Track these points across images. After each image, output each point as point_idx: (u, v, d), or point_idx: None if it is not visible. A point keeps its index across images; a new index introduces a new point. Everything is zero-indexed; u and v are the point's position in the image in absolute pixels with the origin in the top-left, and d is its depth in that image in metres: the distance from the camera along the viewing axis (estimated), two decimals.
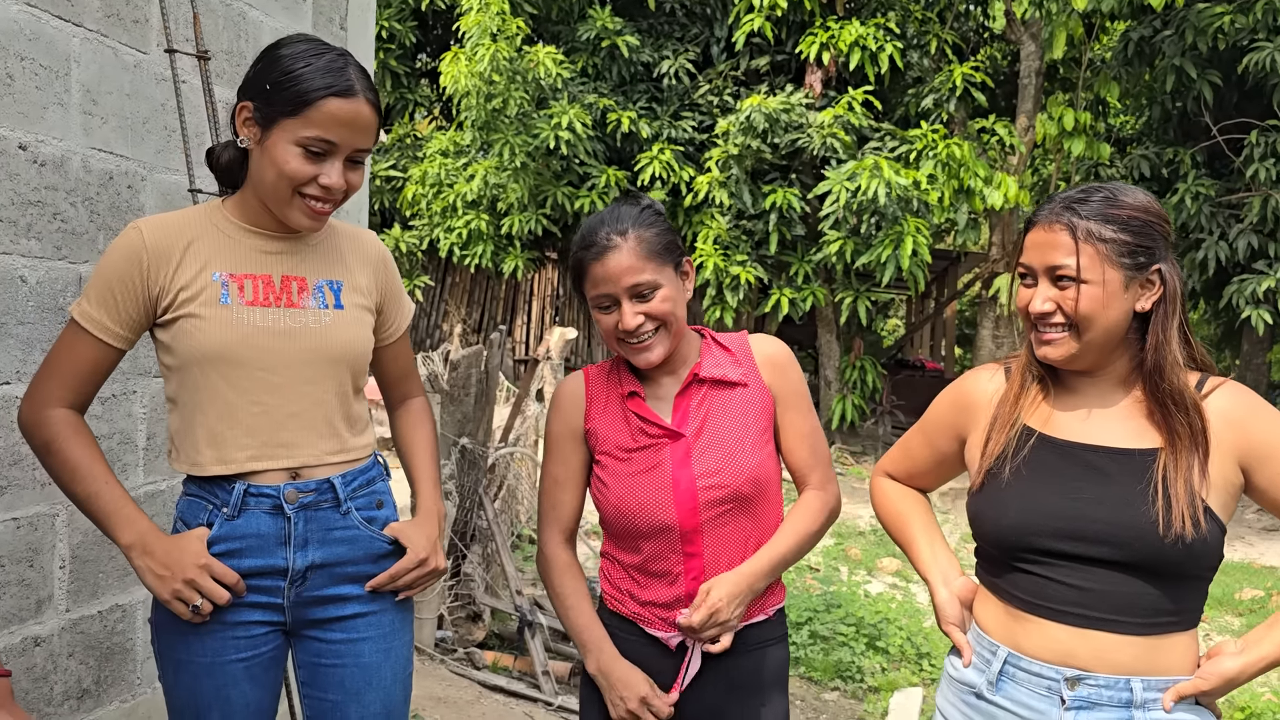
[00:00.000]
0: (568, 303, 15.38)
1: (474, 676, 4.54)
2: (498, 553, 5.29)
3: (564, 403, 2.02)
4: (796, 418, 2.00)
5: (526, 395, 5.85)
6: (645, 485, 1.90)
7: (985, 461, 1.76)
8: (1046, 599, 1.65)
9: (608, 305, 1.88)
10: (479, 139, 12.04)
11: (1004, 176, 11.39)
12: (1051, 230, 1.65)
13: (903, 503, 2.01)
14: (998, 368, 1.86)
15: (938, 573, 1.86)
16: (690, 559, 1.90)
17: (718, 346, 2.02)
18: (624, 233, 1.85)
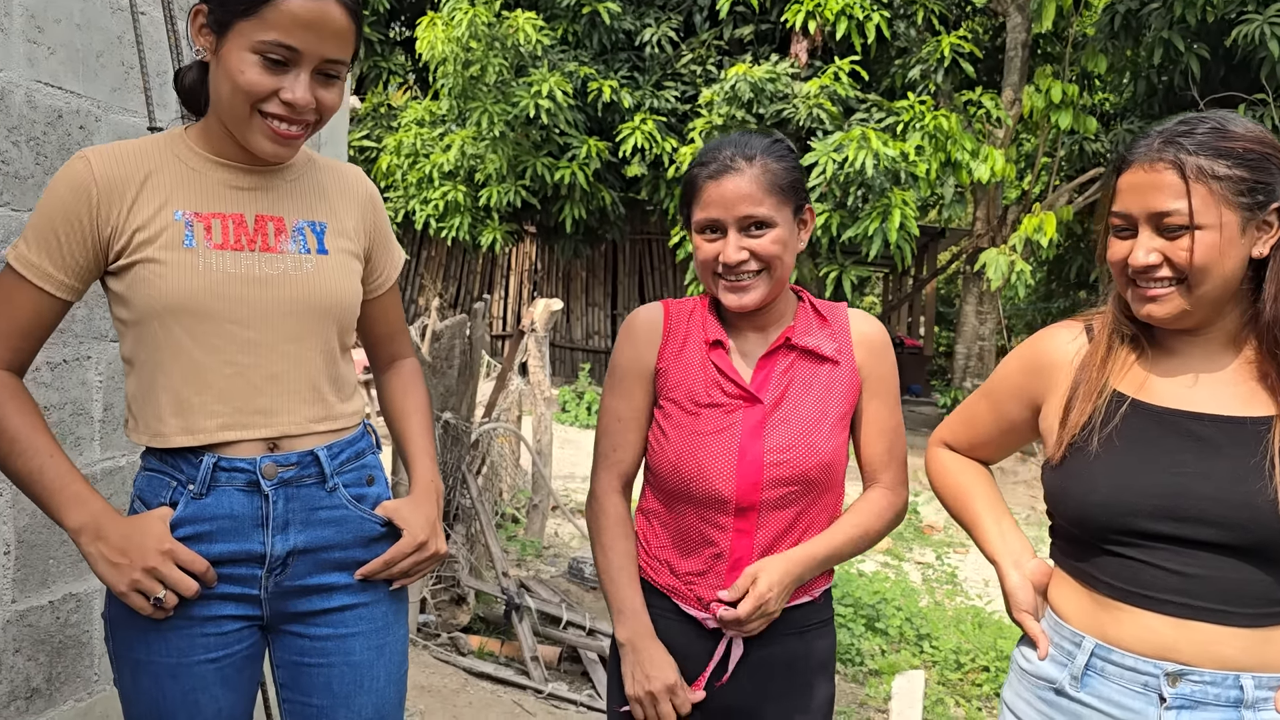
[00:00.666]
0: (546, 277, 15.10)
1: (459, 663, 4.31)
2: (482, 532, 5.06)
3: (638, 334, 1.83)
4: (882, 409, 1.82)
5: (510, 369, 5.61)
6: (709, 448, 1.72)
7: (1068, 432, 1.54)
8: (1142, 586, 1.45)
9: (713, 232, 1.71)
10: (456, 108, 11.71)
11: (990, 150, 11.21)
12: (1154, 170, 1.43)
13: (964, 475, 1.80)
14: (1078, 325, 1.64)
15: (1007, 554, 1.66)
16: (740, 536, 1.73)
17: (815, 313, 1.83)
18: (750, 158, 1.69)
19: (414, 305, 15.17)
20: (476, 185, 12.21)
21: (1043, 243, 11.35)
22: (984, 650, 4.94)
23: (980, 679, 4.78)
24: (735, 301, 1.72)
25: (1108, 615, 1.49)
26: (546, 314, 6.02)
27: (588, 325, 14.91)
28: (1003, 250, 11.57)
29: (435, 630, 4.67)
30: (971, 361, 13.47)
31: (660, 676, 1.70)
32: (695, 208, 1.73)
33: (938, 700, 4.53)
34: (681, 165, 11.26)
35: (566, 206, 12.05)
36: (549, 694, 4.17)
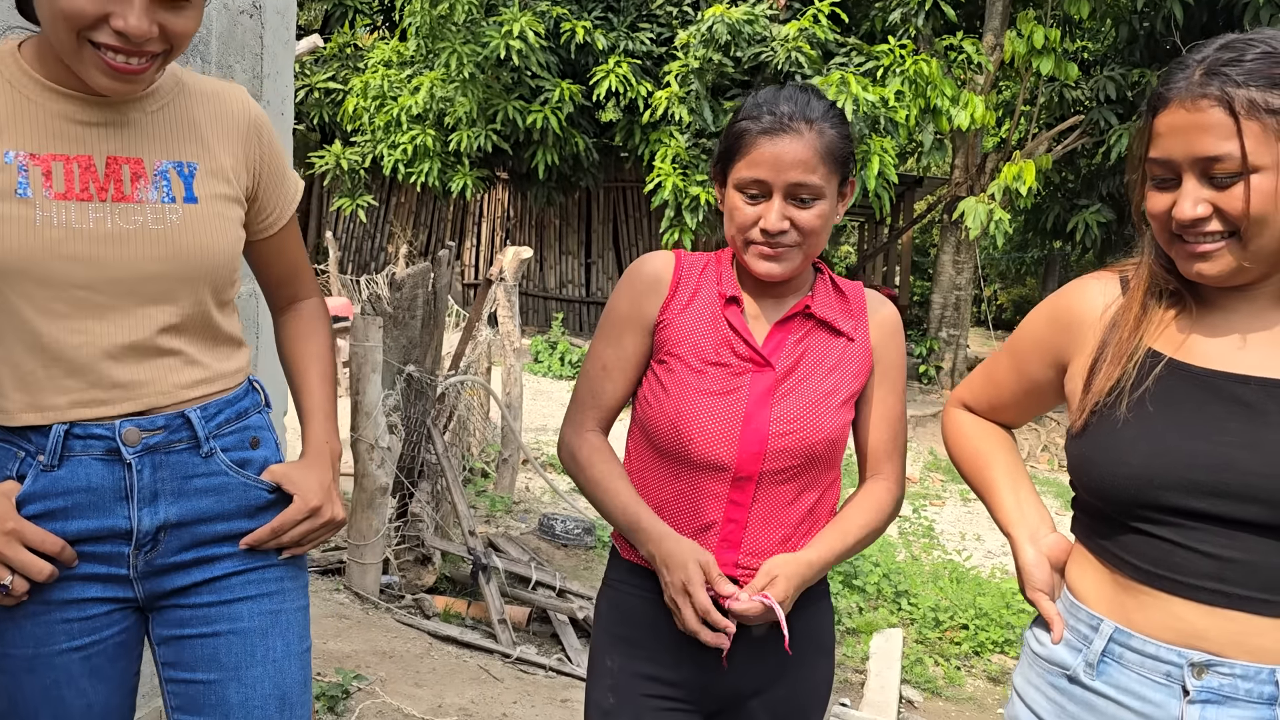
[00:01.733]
0: (518, 224, 14.81)
1: (423, 626, 4.16)
2: (448, 489, 4.89)
3: (640, 282, 1.68)
4: (889, 395, 1.70)
5: (479, 320, 5.40)
6: (713, 410, 1.59)
7: (1092, 396, 1.37)
8: (1173, 569, 1.28)
9: (755, 194, 1.56)
10: (424, 48, 11.33)
11: (971, 96, 11.00)
12: (1197, 108, 1.22)
13: (981, 440, 1.63)
14: (1111, 275, 1.45)
15: (1024, 527, 1.50)
16: (734, 508, 1.60)
17: (833, 288, 1.70)
18: (811, 120, 1.54)
19: (383, 253, 14.86)
20: (446, 129, 11.87)
21: (1022, 191, 11.20)
22: (963, 608, 4.85)
23: (959, 637, 4.70)
24: (765, 269, 1.58)
25: (1131, 599, 1.33)
26: (516, 262, 5.81)
27: (561, 274, 14.67)
28: (981, 199, 11.41)
29: (399, 592, 4.51)
30: (948, 311, 13.38)
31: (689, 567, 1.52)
32: (739, 163, 1.56)
33: (916, 660, 4.43)
34: (657, 110, 10.97)
35: (539, 152, 11.75)
36: (517, 658, 4.03)
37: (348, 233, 15.20)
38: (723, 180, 1.61)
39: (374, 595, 4.35)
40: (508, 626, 4.24)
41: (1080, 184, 14.57)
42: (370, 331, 4.17)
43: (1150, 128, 1.30)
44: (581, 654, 4.16)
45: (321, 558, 4.70)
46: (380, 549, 4.38)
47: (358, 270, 14.59)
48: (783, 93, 1.58)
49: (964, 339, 13.49)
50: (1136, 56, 13.15)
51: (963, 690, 4.34)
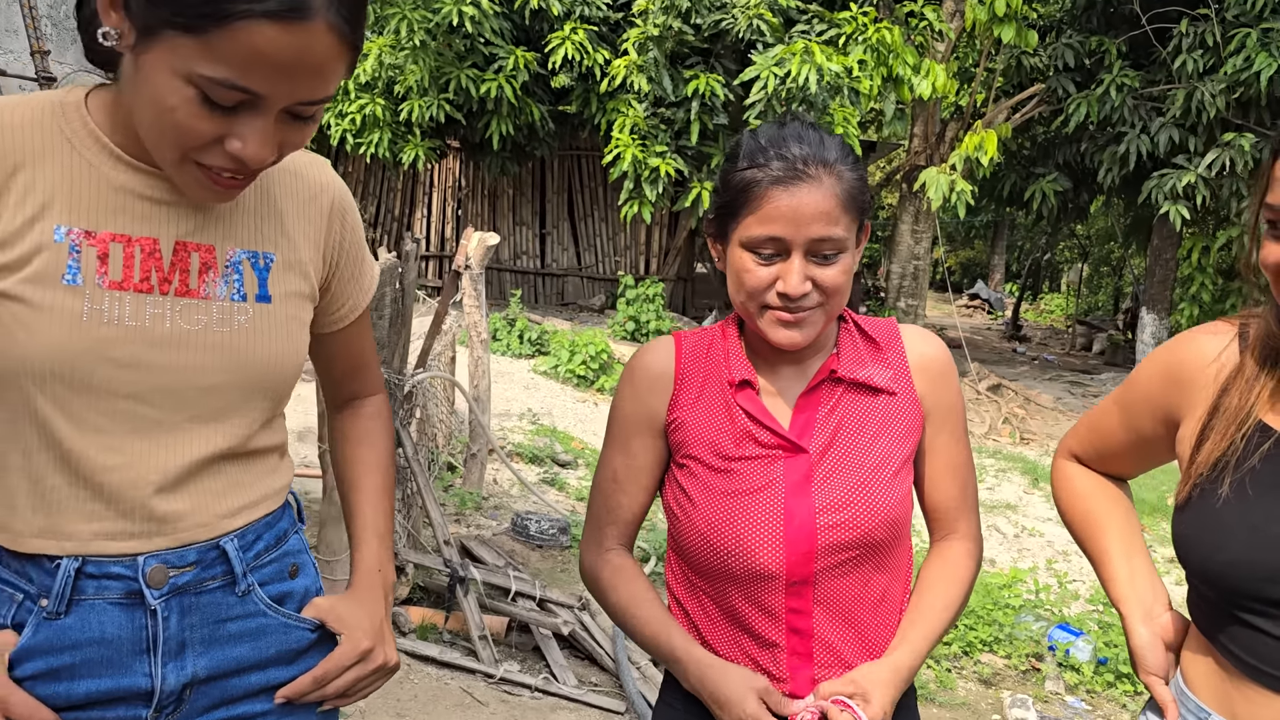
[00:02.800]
0: (471, 195, 14.45)
1: (401, 646, 3.96)
2: (419, 494, 4.67)
3: (641, 380, 1.49)
4: (950, 443, 1.48)
5: (445, 313, 5.16)
6: (747, 512, 1.38)
7: (1197, 467, 1.26)
8: (1276, 666, 1.19)
9: (770, 253, 1.34)
10: (372, 14, 10.87)
11: (932, 64, 10.85)
12: None
13: (1095, 500, 1.51)
14: (1230, 330, 1.33)
15: (1136, 603, 1.40)
16: (795, 617, 1.39)
17: (861, 336, 1.48)
18: (829, 164, 1.33)
19: None
20: (396, 98, 11.46)
21: (984, 161, 11.12)
22: None
23: (949, 637, 4.61)
24: (786, 338, 1.37)
25: (1238, 694, 1.24)
26: (482, 249, 5.56)
27: (515, 245, 14.35)
28: (942, 169, 11.31)
29: None
30: (906, 281, 13.33)
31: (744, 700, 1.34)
32: (749, 218, 1.34)
33: None
34: (615, 78, 10.67)
35: (493, 121, 11.40)
36: (500, 678, 3.86)
37: None
38: (723, 237, 1.39)
39: None
40: (489, 643, 4.06)
41: (1036, 151, 14.57)
42: None
43: (1270, 171, 1.16)
44: (567, 670, 4.00)
45: None
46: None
47: None
48: (788, 131, 1.36)
49: (923, 308, 13.48)
50: (1094, 23, 13.11)
51: (955, 695, 4.26)
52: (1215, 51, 11.23)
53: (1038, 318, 25.08)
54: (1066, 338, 20.07)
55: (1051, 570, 5.91)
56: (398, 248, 4.80)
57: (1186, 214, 11.37)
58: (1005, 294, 26.74)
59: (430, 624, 4.29)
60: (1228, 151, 10.91)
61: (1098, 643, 4.56)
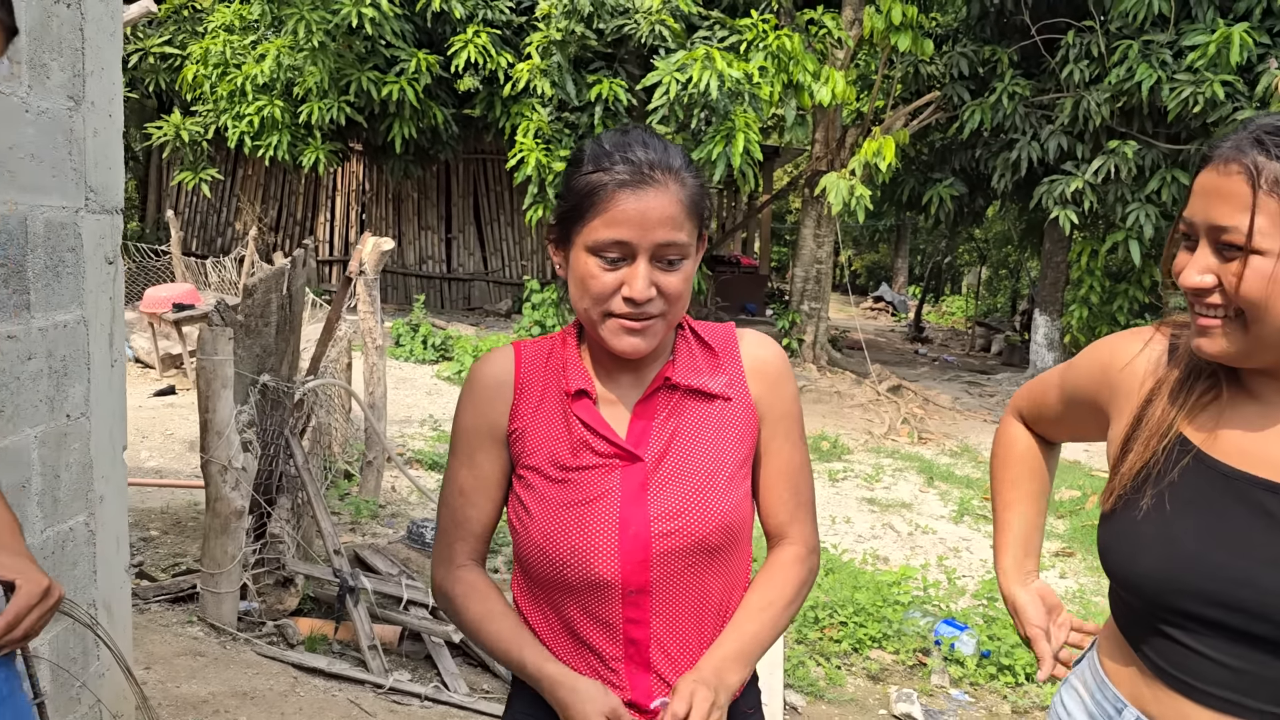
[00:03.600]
0: (375, 198, 14.24)
1: (287, 659, 3.89)
2: (310, 503, 4.60)
3: (481, 390, 1.47)
4: (785, 447, 1.49)
5: (338, 319, 5.09)
6: (583, 521, 1.38)
7: (1120, 479, 1.30)
8: (1186, 673, 1.25)
9: (615, 257, 1.34)
10: (269, 14, 10.66)
11: (832, 71, 11.07)
12: (1226, 172, 1.15)
13: (1019, 466, 1.62)
14: (1162, 339, 1.37)
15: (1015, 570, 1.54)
16: (633, 627, 1.40)
17: (698, 343, 1.49)
18: (674, 171, 1.35)
19: (230, 229, 14.07)
20: (296, 100, 11.25)
21: (882, 167, 11.37)
22: (840, 605, 4.87)
23: (838, 635, 4.71)
24: (629, 345, 1.36)
25: (1150, 692, 1.30)
26: (377, 254, 5.49)
27: (420, 250, 14.20)
28: (842, 175, 11.54)
29: (259, 618, 4.22)
30: (809, 285, 13.55)
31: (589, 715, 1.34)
32: (595, 220, 1.33)
33: (798, 663, 4.42)
34: (519, 82, 10.64)
35: (395, 124, 11.27)
36: (390, 688, 3.81)
37: (191, 208, 14.32)
38: (566, 242, 1.38)
39: (231, 626, 4.05)
40: (379, 653, 4.01)
41: (934, 157, 14.94)
42: (219, 344, 3.84)
43: (1192, 185, 1.23)
44: (459, 679, 3.98)
45: (171, 583, 4.36)
46: (237, 576, 4.08)
47: (203, 247, 13.78)
48: (632, 137, 1.37)
49: (825, 311, 13.71)
50: (987, 33, 13.50)
51: (844, 691, 4.35)
52: (1100, 62, 11.67)
53: (939, 319, 25.70)
54: (967, 339, 20.60)
55: (942, 567, 6.07)
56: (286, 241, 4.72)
57: (1075, 219, 11.79)
58: (909, 297, 27.33)
59: (320, 635, 4.22)
60: (1113, 158, 11.35)
61: (981, 636, 4.71)
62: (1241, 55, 10.16)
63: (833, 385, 12.28)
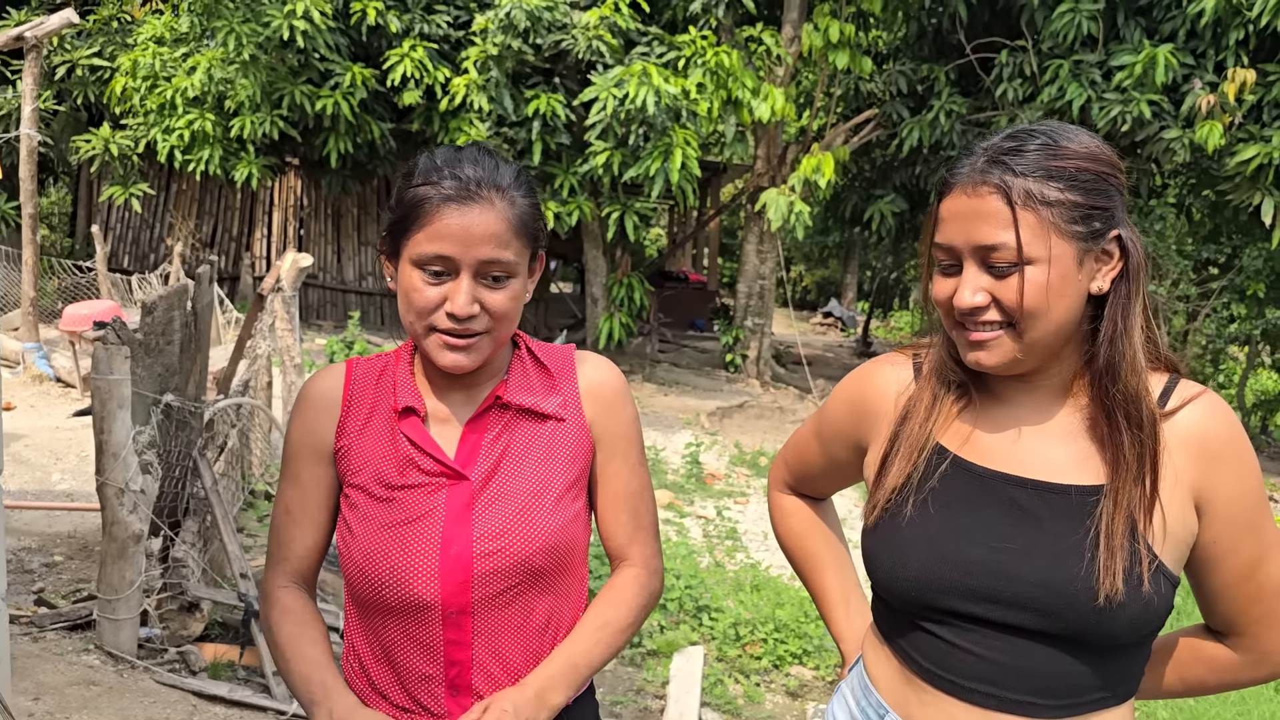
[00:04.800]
0: (313, 214, 14.07)
1: (187, 686, 3.78)
2: (218, 526, 4.47)
3: (310, 407, 1.45)
4: (622, 469, 1.48)
5: (251, 334, 4.98)
6: (404, 541, 1.35)
7: (882, 494, 1.35)
8: (949, 670, 1.30)
9: (439, 270, 1.32)
10: (199, 25, 10.50)
11: (771, 88, 11.14)
12: (978, 195, 1.22)
13: (811, 539, 1.64)
14: (905, 360, 1.45)
15: (853, 638, 1.55)
16: (454, 649, 1.36)
17: (533, 362, 1.48)
18: (501, 188, 1.34)
19: (163, 245, 13.80)
20: (227, 114, 11.08)
21: (821, 184, 11.45)
22: (762, 621, 4.84)
23: (759, 651, 4.67)
24: (451, 361, 1.34)
25: (914, 695, 1.34)
26: (294, 271, 5.39)
27: (360, 266, 14.05)
28: (782, 191, 11.60)
29: (161, 645, 4.09)
30: (753, 300, 13.58)
31: None
32: (418, 234, 1.32)
33: (716, 680, 4.37)
34: (456, 97, 10.57)
35: (331, 139, 11.13)
36: (293, 715, 3.71)
37: (122, 224, 14.03)
38: (395, 254, 1.37)
39: (130, 653, 3.92)
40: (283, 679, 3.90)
41: (875, 174, 15.09)
42: (115, 363, 3.72)
43: (936, 212, 1.27)
44: None
45: (69, 610, 4.22)
46: (136, 602, 3.95)
47: (135, 264, 13.51)
48: (464, 153, 1.36)
49: (769, 327, 13.75)
50: (925, 52, 13.67)
51: (761, 708, 4.31)
52: (1033, 81, 11.86)
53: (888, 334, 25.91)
54: None
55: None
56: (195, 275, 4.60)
57: None
58: (858, 312, 27.55)
59: (225, 661, 4.10)
60: None
61: None
62: (1167, 75, 10.37)
63: (775, 401, 12.31)
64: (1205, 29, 10.64)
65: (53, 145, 12.20)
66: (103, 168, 12.37)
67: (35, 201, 8.70)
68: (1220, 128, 10.20)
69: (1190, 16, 10.61)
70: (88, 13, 12.25)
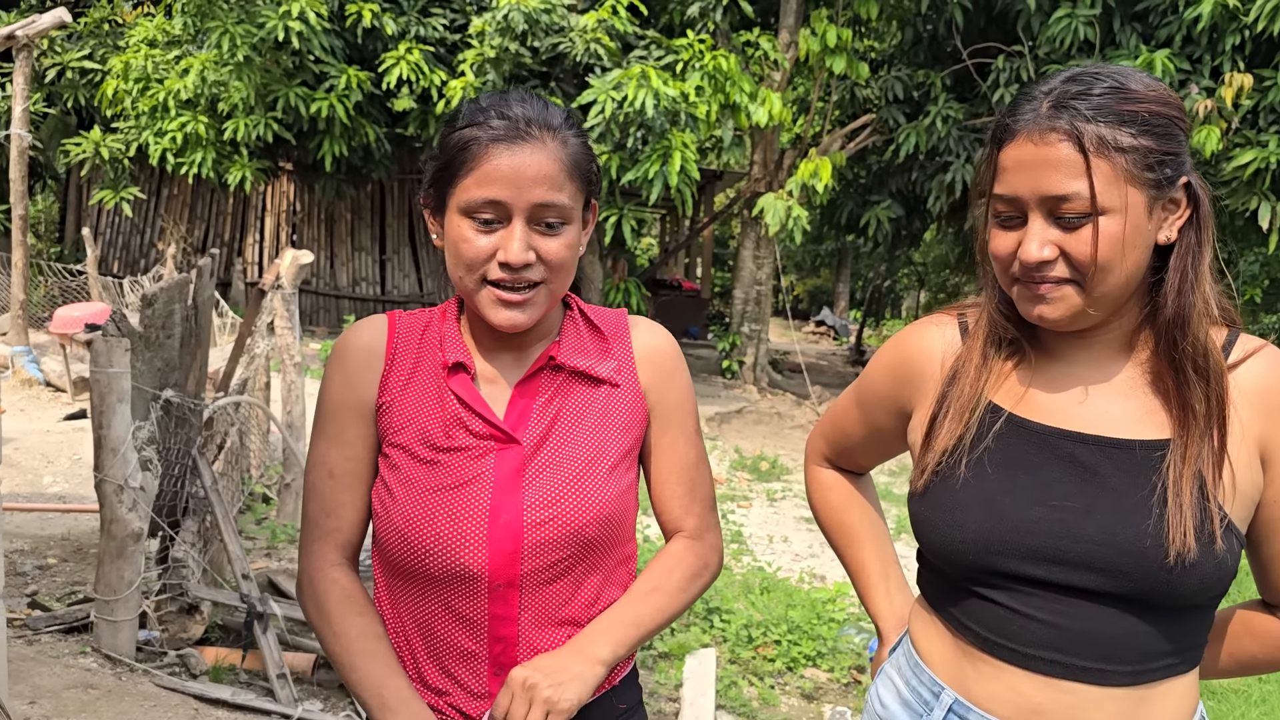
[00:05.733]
0: (306, 219, 13.95)
1: (189, 690, 3.65)
2: (218, 527, 4.36)
3: (349, 358, 1.34)
4: (678, 440, 1.40)
5: (250, 332, 4.87)
6: (451, 507, 1.25)
7: (933, 456, 1.28)
8: (1010, 638, 1.23)
9: (489, 219, 1.23)
10: (192, 27, 10.40)
11: (768, 93, 11.09)
12: (1046, 142, 1.14)
13: (850, 513, 1.57)
14: (951, 320, 1.38)
15: (892, 619, 1.48)
16: (499, 624, 1.27)
17: (585, 324, 1.39)
18: (553, 127, 1.25)
19: (154, 250, 13.66)
20: (221, 116, 10.96)
21: (818, 188, 11.40)
22: (775, 623, 4.74)
23: (772, 654, 4.57)
24: (506, 319, 1.25)
25: (971, 667, 1.27)
26: (295, 268, 5.29)
27: (354, 271, 13.93)
28: (780, 196, 11.54)
29: (160, 648, 3.97)
30: (749, 306, 13.52)
31: None
32: (466, 179, 1.23)
33: (730, 683, 4.27)
34: (452, 100, 10.48)
35: (325, 142, 11.03)
36: (299, 718, 3.59)
37: (113, 228, 13.89)
38: (440, 206, 1.28)
39: (129, 656, 3.80)
40: (288, 681, 3.79)
41: (871, 180, 15.06)
42: (115, 355, 3.61)
43: (995, 161, 1.20)
44: None
45: (66, 613, 4.09)
46: (135, 603, 3.83)
47: (125, 269, 13.36)
48: (510, 94, 1.28)
49: (765, 333, 13.68)
50: (921, 58, 13.66)
51: (778, 711, 4.21)
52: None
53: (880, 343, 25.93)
54: None
55: None
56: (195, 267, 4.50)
57: None
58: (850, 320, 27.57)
59: (227, 665, 3.98)
60: None
61: None
62: (1164, 80, 10.36)
63: (773, 407, 12.23)
64: (1201, 34, 10.64)
65: (41, 150, 12.07)
66: (93, 172, 12.23)
67: (25, 203, 8.58)
68: (1218, 132, 10.19)
69: (1187, 22, 10.61)
70: (79, 15, 12.13)
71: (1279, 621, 1.29)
